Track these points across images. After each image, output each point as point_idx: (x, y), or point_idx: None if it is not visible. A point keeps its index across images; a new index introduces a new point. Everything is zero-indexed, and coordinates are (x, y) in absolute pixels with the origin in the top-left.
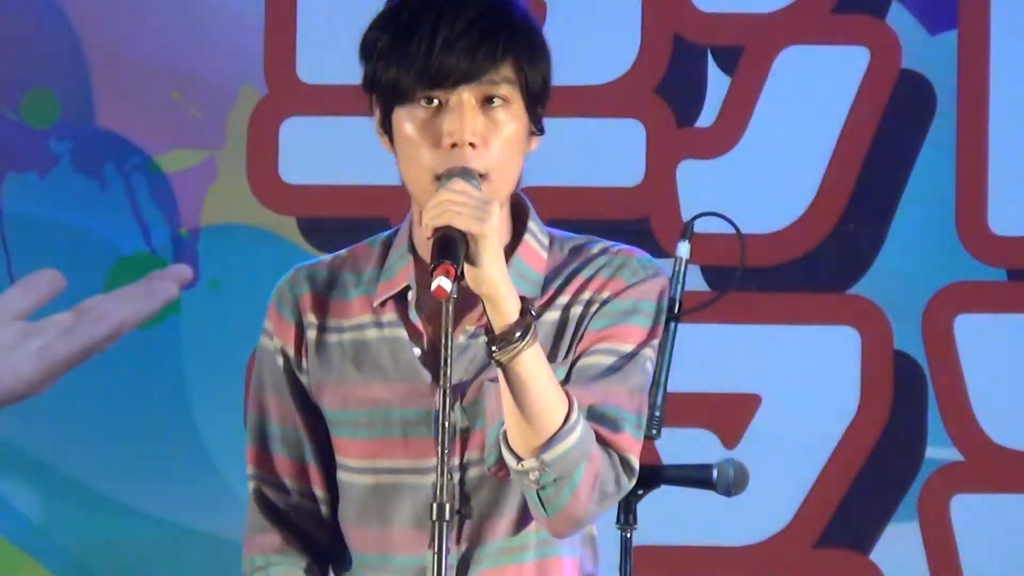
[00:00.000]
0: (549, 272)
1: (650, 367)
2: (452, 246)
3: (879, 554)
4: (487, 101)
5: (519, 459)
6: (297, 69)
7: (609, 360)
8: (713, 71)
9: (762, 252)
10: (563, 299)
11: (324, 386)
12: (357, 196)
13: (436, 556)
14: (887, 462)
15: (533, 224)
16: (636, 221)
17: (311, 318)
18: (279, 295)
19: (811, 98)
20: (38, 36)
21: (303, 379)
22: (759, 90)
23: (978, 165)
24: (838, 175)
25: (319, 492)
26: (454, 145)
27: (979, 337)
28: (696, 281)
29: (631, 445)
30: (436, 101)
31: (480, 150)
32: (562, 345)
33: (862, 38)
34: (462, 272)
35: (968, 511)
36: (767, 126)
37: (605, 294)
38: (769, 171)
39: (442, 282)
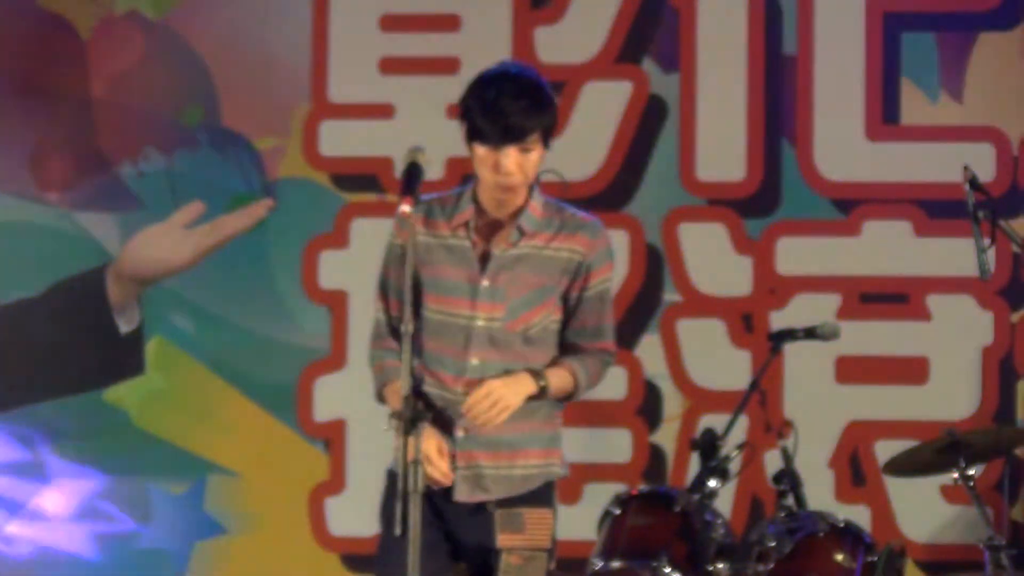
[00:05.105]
0: (542, 217)
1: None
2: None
3: (639, 350)
4: (523, 150)
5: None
6: (327, 94)
7: (601, 293)
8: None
9: (575, 190)
10: (556, 243)
11: (425, 265)
12: (357, 162)
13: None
14: (643, 302)
15: (536, 192)
16: None
17: (421, 229)
18: (400, 218)
19: (603, 108)
20: (185, 73)
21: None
22: (573, 104)
23: (691, 142)
24: (615, 149)
25: (409, 322)
26: (507, 172)
27: (690, 236)
28: None
29: (615, 345)
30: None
31: (517, 175)
32: (566, 274)
33: (629, 76)
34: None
35: (685, 328)
36: (580, 123)
37: (590, 253)
38: (580, 147)
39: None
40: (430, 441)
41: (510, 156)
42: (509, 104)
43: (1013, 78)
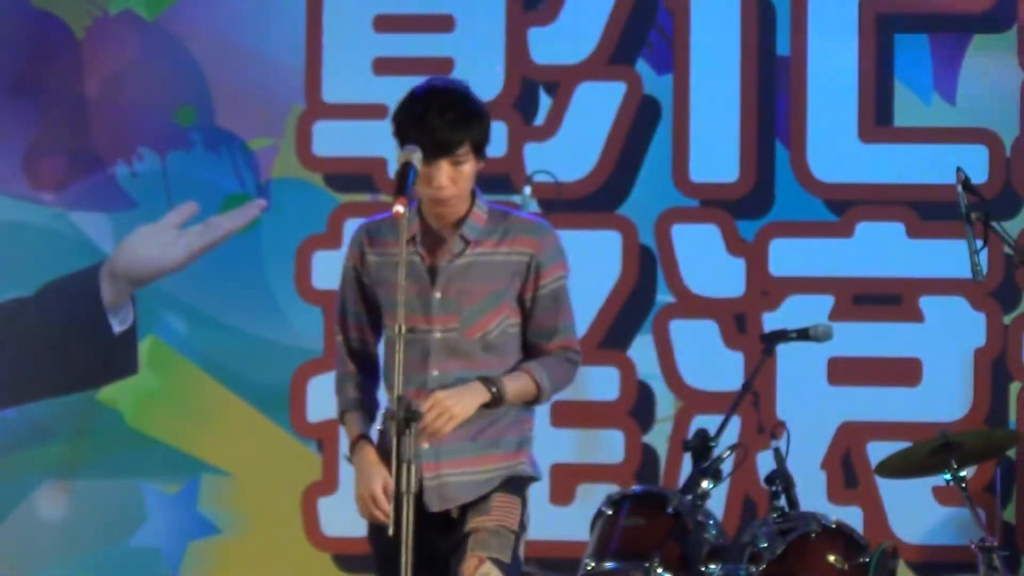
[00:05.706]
0: (487, 225)
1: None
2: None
3: (632, 351)
4: (455, 163)
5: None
6: (322, 95)
7: (555, 291)
8: (543, 95)
9: (569, 191)
10: (504, 247)
11: (378, 283)
12: (351, 162)
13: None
14: (637, 303)
15: (479, 200)
16: (501, 175)
17: (367, 250)
18: (352, 239)
19: (596, 109)
20: (178, 74)
21: (365, 280)
22: (567, 105)
23: (684, 143)
24: (609, 150)
25: (371, 340)
26: (439, 186)
27: (683, 237)
28: (534, 207)
29: (577, 342)
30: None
31: (450, 188)
32: (516, 276)
33: (622, 77)
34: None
35: (678, 329)
36: (572, 123)
37: (538, 253)
38: (573, 148)
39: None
40: (378, 479)
41: (442, 169)
42: (436, 118)
43: (1006, 80)
